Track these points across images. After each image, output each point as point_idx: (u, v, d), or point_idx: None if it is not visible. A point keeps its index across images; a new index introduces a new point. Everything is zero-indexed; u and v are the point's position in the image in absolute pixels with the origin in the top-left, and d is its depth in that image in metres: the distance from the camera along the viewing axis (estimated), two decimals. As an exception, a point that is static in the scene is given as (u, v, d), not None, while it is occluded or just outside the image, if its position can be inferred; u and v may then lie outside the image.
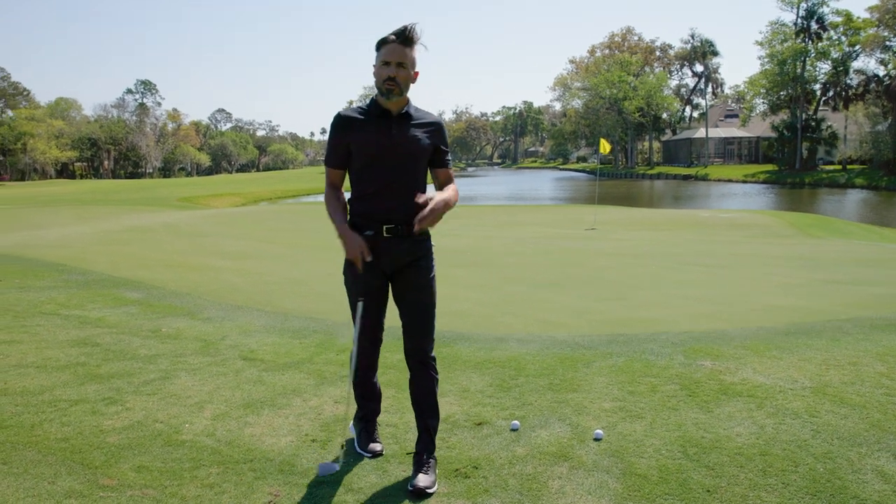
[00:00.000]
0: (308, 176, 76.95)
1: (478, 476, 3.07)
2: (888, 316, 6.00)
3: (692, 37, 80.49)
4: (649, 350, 4.94)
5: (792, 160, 61.07)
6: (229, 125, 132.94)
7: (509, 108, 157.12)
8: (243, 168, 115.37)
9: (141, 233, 15.54)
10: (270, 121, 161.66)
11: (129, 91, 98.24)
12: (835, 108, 63.10)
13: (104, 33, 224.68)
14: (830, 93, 63.39)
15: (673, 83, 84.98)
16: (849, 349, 4.87)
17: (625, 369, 4.50)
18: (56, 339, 5.38)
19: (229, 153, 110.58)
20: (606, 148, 22.20)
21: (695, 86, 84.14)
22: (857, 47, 59.13)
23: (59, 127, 78.94)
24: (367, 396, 3.38)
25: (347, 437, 3.49)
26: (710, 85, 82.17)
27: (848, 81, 61.37)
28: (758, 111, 70.10)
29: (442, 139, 3.10)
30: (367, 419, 3.39)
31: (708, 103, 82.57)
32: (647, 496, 2.87)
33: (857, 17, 59.05)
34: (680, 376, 4.33)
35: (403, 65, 2.91)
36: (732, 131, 78.08)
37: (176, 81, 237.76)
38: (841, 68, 60.37)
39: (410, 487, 2.92)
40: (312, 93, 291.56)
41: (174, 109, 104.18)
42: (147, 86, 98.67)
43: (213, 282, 8.48)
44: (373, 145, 2.95)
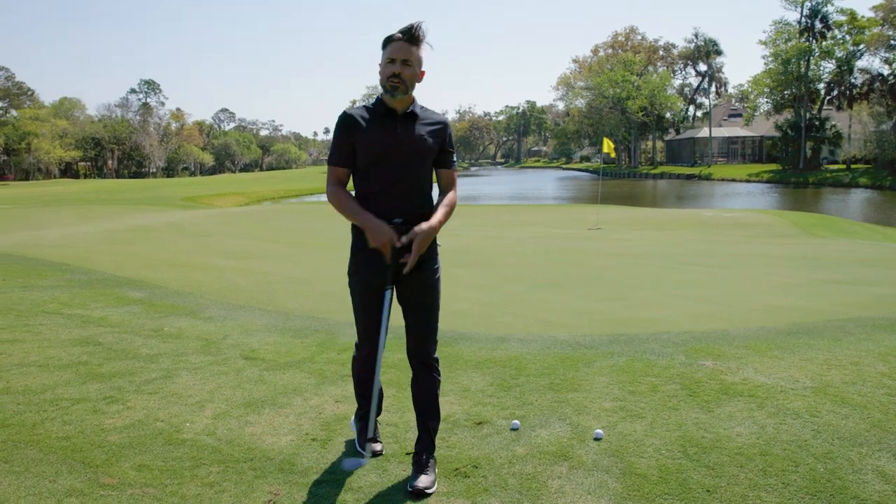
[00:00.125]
0: (311, 175, 76.99)
1: (477, 475, 3.08)
2: (890, 316, 5.98)
3: (696, 36, 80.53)
4: (650, 350, 4.93)
5: (796, 160, 60.97)
6: (233, 125, 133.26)
7: (512, 108, 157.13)
8: (247, 168, 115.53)
9: (144, 232, 15.57)
10: (274, 120, 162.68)
11: (133, 91, 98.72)
12: (839, 108, 63.03)
13: (108, 33, 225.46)
14: (834, 92, 63.34)
15: (676, 82, 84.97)
16: (850, 349, 4.86)
17: (626, 369, 4.50)
18: (58, 338, 5.39)
19: (233, 153, 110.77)
20: (609, 147, 21.97)
21: (698, 85, 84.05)
22: (862, 46, 59.07)
23: (63, 127, 79.16)
24: (368, 396, 3.38)
25: (349, 439, 3.49)
26: (714, 84, 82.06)
27: (852, 80, 61.30)
28: (761, 110, 70.07)
29: (447, 139, 3.07)
30: (367, 418, 3.39)
31: (711, 103, 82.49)
32: (647, 496, 2.87)
33: (862, 16, 59.06)
34: (681, 376, 4.33)
35: (409, 63, 2.88)
36: (736, 131, 77.95)
37: (179, 81, 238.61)
38: (845, 67, 60.31)
39: (410, 488, 2.92)
40: (316, 92, 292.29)
41: (178, 109, 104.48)
42: (151, 85, 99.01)
43: (216, 281, 8.50)
44: (378, 144, 2.92)
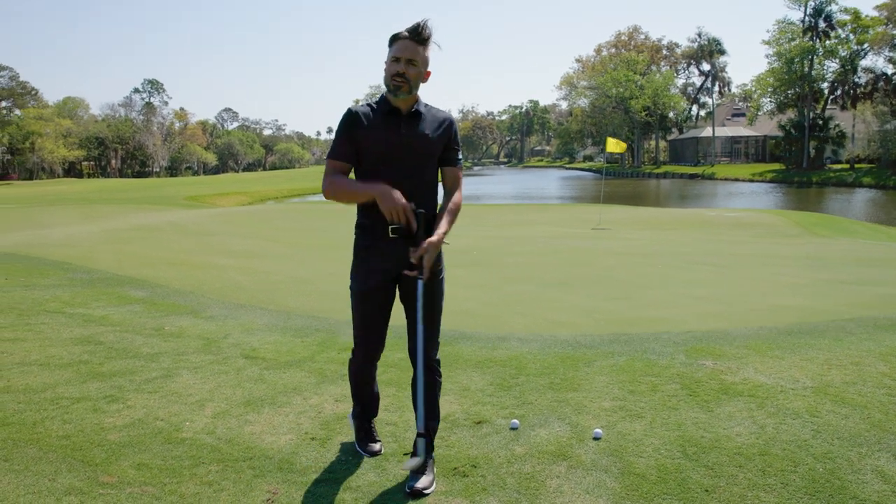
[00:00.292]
0: (314, 175, 76.92)
1: (476, 475, 3.07)
2: (892, 316, 5.96)
3: (699, 35, 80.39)
4: (651, 349, 4.92)
5: (799, 159, 60.81)
6: (236, 124, 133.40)
7: (515, 108, 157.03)
8: (250, 167, 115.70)
9: (147, 231, 15.59)
10: (277, 120, 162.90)
11: (137, 90, 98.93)
12: (843, 107, 62.84)
13: (112, 33, 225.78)
14: (838, 91, 63.19)
15: (680, 82, 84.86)
16: (851, 349, 4.84)
17: (626, 368, 4.49)
18: (59, 337, 5.40)
19: (236, 152, 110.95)
20: (622, 147, 21.47)
21: (701, 84, 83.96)
22: (866, 45, 58.90)
23: (67, 126, 79.38)
24: (366, 401, 3.38)
25: (348, 437, 3.49)
26: (717, 84, 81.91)
27: (856, 80, 61.14)
28: (765, 110, 69.86)
29: (452, 136, 3.03)
30: (364, 419, 3.39)
31: (715, 102, 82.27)
32: (646, 495, 2.86)
33: (866, 16, 58.88)
34: (681, 376, 4.32)
35: (414, 62, 2.84)
36: (739, 130, 77.77)
37: (183, 81, 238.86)
38: (849, 67, 60.14)
39: (408, 489, 2.92)
40: (319, 92, 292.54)
41: (181, 109, 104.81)
42: (154, 85, 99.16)
43: (218, 280, 8.51)
44: (381, 143, 2.88)
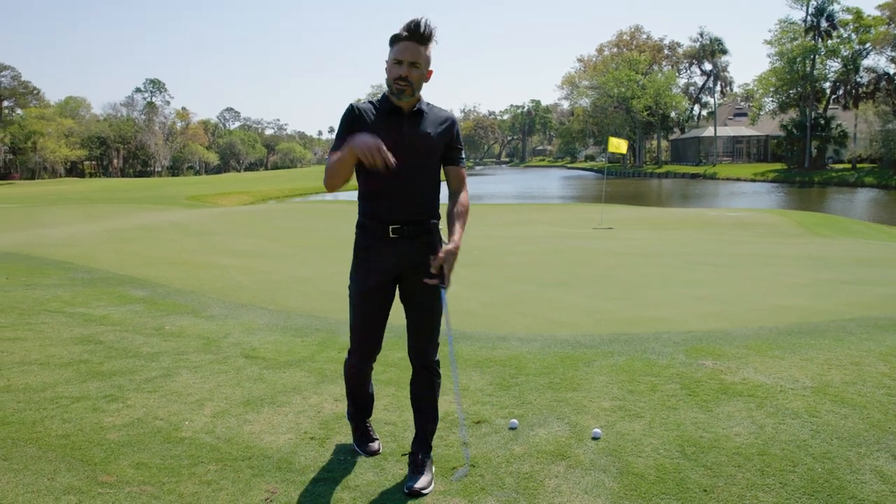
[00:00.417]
0: (316, 174, 76.94)
1: (475, 474, 3.08)
2: (893, 316, 5.95)
3: (701, 35, 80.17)
4: (651, 349, 4.92)
5: (801, 159, 60.71)
6: (238, 124, 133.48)
7: (517, 107, 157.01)
8: (252, 167, 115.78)
9: (148, 231, 15.60)
10: (279, 119, 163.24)
11: (139, 90, 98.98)
12: (845, 107, 62.71)
13: (114, 33, 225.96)
14: (840, 91, 63.09)
15: (681, 81, 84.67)
16: (852, 349, 4.84)
17: (625, 368, 4.49)
18: (60, 337, 5.41)
19: (238, 152, 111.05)
20: (622, 147, 21.35)
21: (703, 84, 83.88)
22: (868, 45, 58.75)
23: (69, 126, 79.39)
24: (361, 402, 3.38)
25: (347, 437, 3.50)
26: (719, 83, 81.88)
27: (858, 79, 61.02)
28: (767, 109, 69.69)
29: (455, 135, 3.00)
30: (359, 419, 3.39)
31: (717, 102, 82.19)
32: (644, 495, 2.86)
33: (868, 15, 58.70)
34: (680, 375, 4.32)
35: (416, 64, 2.79)
36: (741, 130, 77.65)
37: (185, 80, 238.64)
38: (851, 66, 60.01)
39: (406, 490, 2.92)
40: (320, 91, 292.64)
41: (183, 108, 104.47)
42: (156, 84, 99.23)
43: (219, 280, 8.51)
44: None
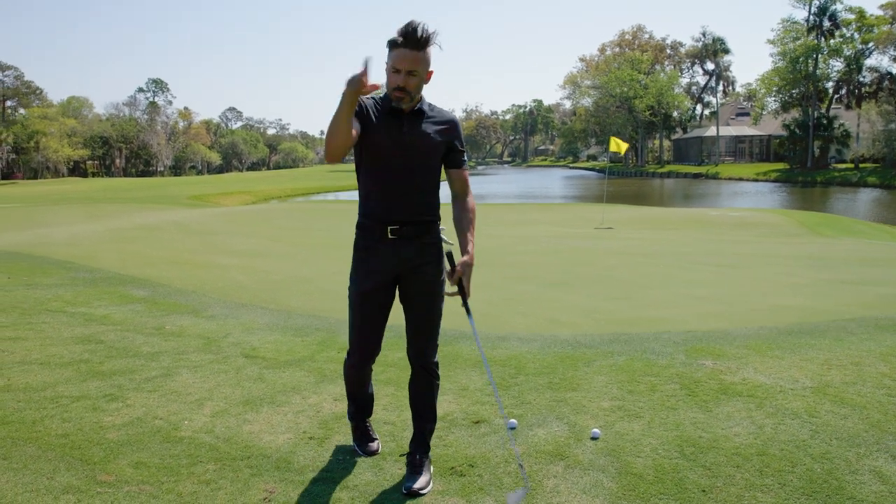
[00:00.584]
0: (318, 174, 77.20)
1: (473, 474, 3.08)
2: (893, 316, 5.94)
3: (703, 34, 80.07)
4: (651, 349, 4.92)
5: (803, 159, 60.62)
6: (240, 124, 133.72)
7: (519, 107, 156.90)
8: (254, 166, 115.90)
9: (150, 231, 15.62)
10: (281, 119, 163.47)
11: (141, 90, 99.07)
12: (847, 106, 62.62)
13: (117, 32, 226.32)
14: (843, 90, 62.98)
15: (684, 81, 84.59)
16: (852, 349, 4.83)
17: (625, 368, 4.49)
18: (60, 336, 5.42)
19: (240, 151, 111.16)
20: (622, 147, 21.45)
21: (706, 84, 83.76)
22: (871, 44, 58.62)
23: (72, 125, 79.51)
24: (360, 402, 3.38)
25: (346, 437, 3.50)
26: (721, 83, 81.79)
27: (861, 79, 60.89)
28: (769, 109, 69.60)
29: (456, 137, 2.96)
30: (359, 419, 3.39)
31: (719, 101, 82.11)
32: (642, 495, 2.86)
33: (871, 15, 58.60)
34: (680, 376, 4.31)
35: (414, 73, 2.73)
36: (744, 129, 77.57)
37: (187, 80, 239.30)
38: (854, 66, 59.88)
39: (405, 490, 2.92)
40: (320, 92, 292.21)
41: (185, 108, 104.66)
42: (158, 84, 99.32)
43: (219, 279, 8.52)
44: (383, 142, 2.82)
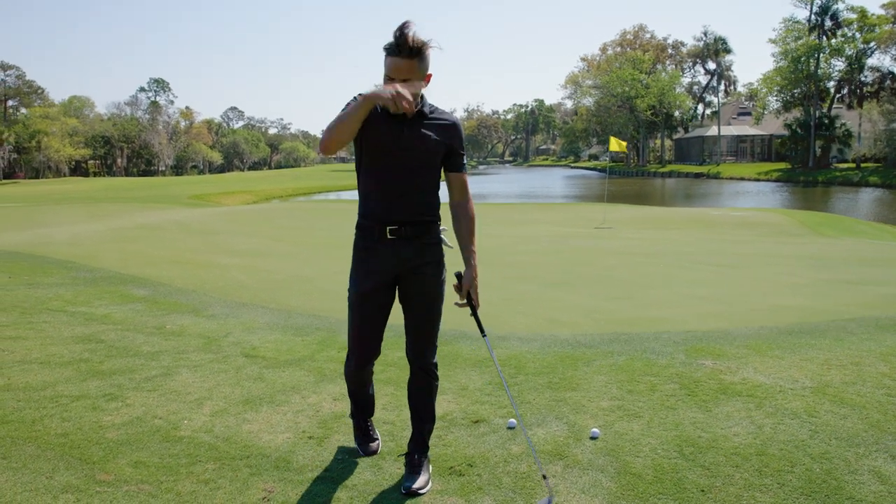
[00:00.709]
0: (320, 173, 77.19)
1: (472, 474, 3.08)
2: (893, 316, 5.94)
3: (705, 34, 79.84)
4: (651, 349, 4.91)
5: (805, 158, 60.55)
6: (241, 123, 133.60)
7: (521, 106, 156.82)
8: (255, 166, 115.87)
9: (151, 230, 15.63)
10: (282, 119, 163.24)
11: (143, 89, 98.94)
12: (849, 106, 62.56)
13: (118, 32, 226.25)
14: (844, 90, 62.87)
15: (685, 81, 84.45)
16: (852, 349, 4.83)
17: (625, 368, 4.49)
18: (61, 336, 5.43)
19: (241, 151, 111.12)
20: (622, 146, 21.63)
21: (707, 83, 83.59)
22: (872, 44, 58.53)
23: (73, 125, 79.54)
24: (361, 403, 3.38)
25: (346, 437, 3.50)
26: (723, 82, 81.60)
27: (862, 79, 60.81)
28: (771, 109, 69.52)
29: (457, 140, 2.93)
30: (360, 419, 3.39)
31: (720, 101, 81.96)
32: (641, 495, 2.86)
33: (872, 14, 58.51)
34: (680, 375, 4.31)
35: (409, 81, 2.72)
36: (745, 129, 77.47)
37: (188, 80, 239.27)
38: (855, 65, 59.80)
39: (404, 490, 2.92)
40: (324, 91, 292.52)
41: (187, 107, 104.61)
42: (160, 84, 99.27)
43: (220, 279, 8.53)
44: (383, 143, 2.82)
